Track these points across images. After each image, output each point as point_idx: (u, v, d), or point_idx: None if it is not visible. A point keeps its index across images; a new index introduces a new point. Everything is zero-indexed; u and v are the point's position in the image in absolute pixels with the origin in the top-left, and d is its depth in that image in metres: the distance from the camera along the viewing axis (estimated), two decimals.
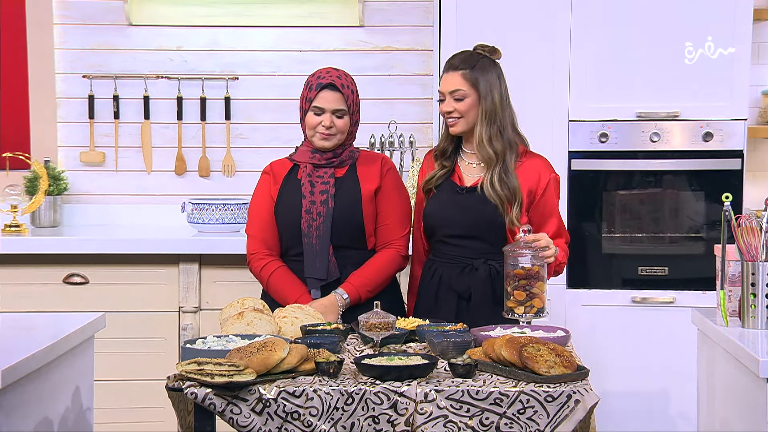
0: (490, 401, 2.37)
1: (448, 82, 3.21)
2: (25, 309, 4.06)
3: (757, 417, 2.51)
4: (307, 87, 3.23)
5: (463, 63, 3.21)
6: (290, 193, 3.25)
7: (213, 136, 4.71)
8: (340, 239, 3.21)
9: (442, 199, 3.25)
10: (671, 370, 4.10)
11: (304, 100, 3.23)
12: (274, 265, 3.23)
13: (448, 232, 3.23)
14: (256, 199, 3.31)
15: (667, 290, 4.16)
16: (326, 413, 2.38)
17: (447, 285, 3.22)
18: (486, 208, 3.18)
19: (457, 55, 3.27)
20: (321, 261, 3.18)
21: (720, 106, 4.15)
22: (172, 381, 2.47)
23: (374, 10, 4.67)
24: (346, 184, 3.25)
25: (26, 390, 2.40)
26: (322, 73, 3.23)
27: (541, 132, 4.02)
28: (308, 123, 3.22)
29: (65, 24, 4.67)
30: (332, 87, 3.19)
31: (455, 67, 3.21)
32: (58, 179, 4.54)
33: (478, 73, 3.19)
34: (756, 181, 4.50)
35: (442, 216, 3.24)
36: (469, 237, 3.20)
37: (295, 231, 3.21)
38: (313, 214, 3.19)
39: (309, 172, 3.24)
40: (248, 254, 3.30)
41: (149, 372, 4.11)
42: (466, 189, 3.23)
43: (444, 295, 3.22)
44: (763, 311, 2.81)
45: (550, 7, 4.17)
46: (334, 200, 3.20)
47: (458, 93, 3.19)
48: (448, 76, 3.21)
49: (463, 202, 3.21)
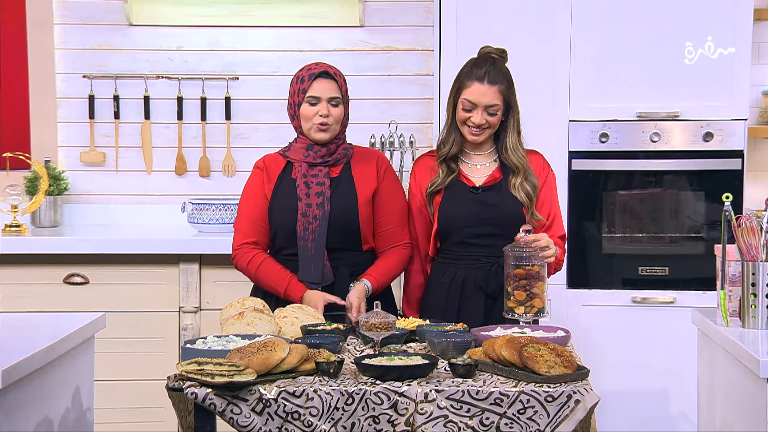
0: (491, 401, 2.37)
1: (485, 95, 3.18)
2: (25, 309, 4.06)
3: (757, 417, 2.51)
4: (299, 80, 3.22)
5: (498, 76, 3.19)
6: (285, 194, 3.23)
7: (213, 136, 4.71)
8: (336, 242, 3.20)
9: (459, 200, 3.25)
10: (671, 370, 4.10)
11: (297, 93, 3.21)
12: (260, 257, 3.22)
13: (472, 231, 3.22)
14: (247, 194, 3.29)
15: (667, 290, 4.17)
16: (326, 413, 2.38)
17: (474, 286, 3.21)
18: (510, 204, 3.21)
19: (484, 64, 3.20)
20: (316, 265, 3.17)
21: (720, 106, 4.15)
22: (173, 381, 2.47)
23: (374, 10, 4.67)
24: (342, 185, 3.24)
25: (26, 390, 2.40)
26: (312, 66, 3.24)
27: (542, 132, 4.02)
28: (304, 115, 3.20)
29: (65, 24, 4.67)
30: (326, 75, 3.20)
31: (493, 81, 3.19)
32: (58, 179, 4.54)
33: (510, 87, 3.22)
34: (756, 181, 4.50)
35: (464, 216, 3.23)
36: (494, 235, 3.20)
37: (290, 233, 3.20)
38: (309, 217, 3.18)
39: (304, 172, 3.22)
40: (233, 249, 3.27)
41: (149, 372, 4.11)
42: (483, 188, 3.24)
43: (471, 295, 3.22)
44: (763, 311, 2.80)
45: (550, 7, 4.17)
46: (330, 203, 3.19)
47: (494, 108, 3.19)
48: (483, 89, 3.18)
49: (487, 200, 3.23)
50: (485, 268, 3.21)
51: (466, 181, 3.27)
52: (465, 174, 3.28)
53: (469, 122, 3.21)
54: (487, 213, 3.21)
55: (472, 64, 3.24)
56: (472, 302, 3.21)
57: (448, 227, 3.25)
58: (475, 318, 3.15)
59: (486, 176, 3.26)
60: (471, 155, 3.29)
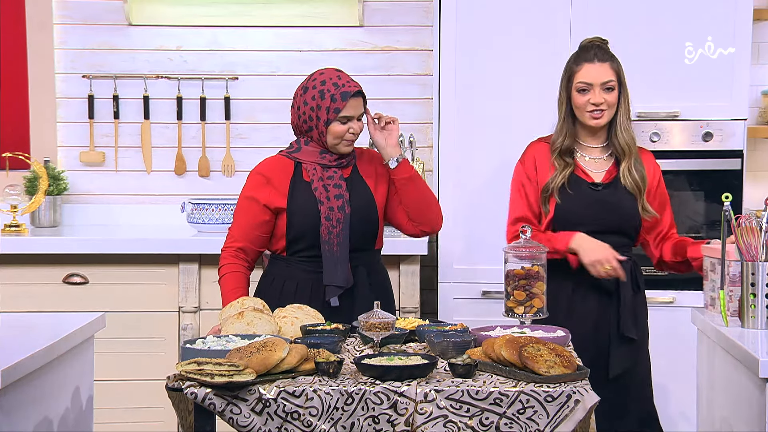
0: (490, 401, 2.37)
1: (599, 73, 3.24)
2: (25, 309, 4.06)
3: (756, 417, 2.51)
4: (329, 97, 3.10)
5: (606, 54, 3.27)
6: (304, 198, 3.16)
7: (213, 136, 4.71)
8: (355, 242, 3.17)
9: (580, 197, 3.26)
10: (671, 369, 4.10)
11: (327, 111, 3.10)
12: (228, 269, 3.18)
13: (588, 229, 3.24)
14: (242, 200, 3.22)
15: (666, 290, 4.16)
16: (326, 413, 2.38)
17: (589, 283, 3.24)
18: (625, 202, 3.26)
19: (592, 45, 3.30)
20: (341, 268, 3.13)
21: (720, 106, 4.15)
22: (172, 381, 2.47)
23: (374, 10, 4.67)
24: (356, 186, 3.21)
25: (26, 390, 2.40)
26: (341, 81, 3.13)
27: (542, 132, 4.01)
28: (334, 132, 3.12)
29: (65, 24, 4.67)
30: (358, 94, 3.14)
31: (602, 59, 3.25)
32: (57, 179, 4.54)
33: (618, 64, 3.27)
34: (756, 181, 4.50)
35: (583, 214, 3.25)
36: (610, 232, 3.24)
37: (312, 237, 3.15)
38: (333, 221, 3.12)
39: (320, 175, 3.16)
40: (222, 248, 3.24)
41: (149, 372, 4.11)
42: (603, 185, 3.26)
43: (585, 293, 3.25)
44: (762, 311, 2.81)
45: (549, 6, 4.17)
46: (350, 205, 3.16)
47: (610, 83, 3.24)
48: (596, 67, 3.25)
49: (605, 198, 3.25)
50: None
51: (585, 177, 3.29)
52: (583, 168, 3.30)
53: (588, 105, 3.24)
54: (606, 212, 3.26)
55: (578, 52, 3.31)
56: (586, 300, 3.25)
57: (564, 224, 3.27)
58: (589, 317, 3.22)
59: (603, 172, 3.29)
60: (586, 148, 3.32)
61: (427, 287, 4.45)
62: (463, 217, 4.21)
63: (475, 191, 4.21)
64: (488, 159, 4.19)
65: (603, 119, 3.26)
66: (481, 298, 4.18)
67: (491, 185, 4.15)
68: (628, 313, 3.25)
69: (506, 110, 4.18)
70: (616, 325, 3.25)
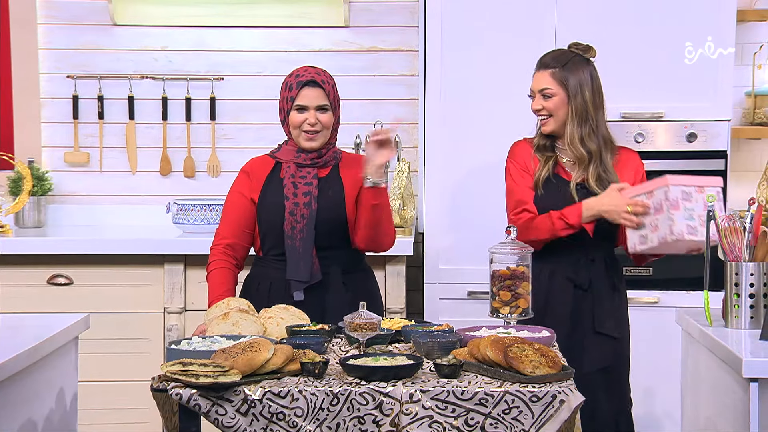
0: (476, 401, 2.37)
1: (537, 81, 3.28)
2: (9, 310, 4.02)
3: (741, 417, 2.52)
4: (287, 87, 3.23)
5: (553, 61, 3.27)
6: (273, 194, 3.23)
7: (198, 137, 4.70)
8: (324, 240, 3.21)
9: (558, 194, 3.27)
10: (655, 370, 4.11)
11: (285, 101, 3.22)
12: (216, 265, 3.22)
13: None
14: (230, 197, 3.30)
15: (651, 290, 4.17)
16: (311, 414, 2.38)
17: (563, 277, 3.25)
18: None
19: (549, 53, 3.33)
20: (304, 263, 3.17)
21: (704, 107, 4.17)
22: (157, 382, 2.46)
23: (360, 11, 4.67)
24: (330, 184, 3.25)
25: (10, 391, 2.39)
26: (300, 72, 3.24)
27: (526, 133, 4.02)
28: (292, 122, 3.21)
29: (49, 24, 4.66)
30: (313, 83, 3.20)
31: (545, 66, 3.28)
32: (42, 179, 4.53)
33: (568, 71, 3.25)
34: (739, 181, 4.51)
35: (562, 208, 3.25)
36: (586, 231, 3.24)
37: (279, 232, 3.21)
38: (297, 216, 3.18)
39: (293, 173, 3.23)
40: (210, 247, 3.28)
41: (134, 373, 4.10)
42: (579, 185, 3.27)
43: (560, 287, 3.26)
44: (746, 311, 2.81)
45: (534, 7, 4.18)
46: (317, 202, 3.19)
47: (546, 91, 3.25)
48: (538, 75, 3.29)
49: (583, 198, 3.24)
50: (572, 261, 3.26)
51: (564, 176, 3.30)
52: (563, 166, 3.31)
53: (532, 110, 3.30)
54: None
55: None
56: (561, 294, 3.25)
57: None
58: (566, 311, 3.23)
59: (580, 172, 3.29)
60: (561, 149, 3.33)
61: (412, 287, 4.45)
62: (449, 218, 4.22)
63: (461, 191, 4.21)
64: (474, 159, 4.20)
65: (548, 126, 3.28)
66: (467, 299, 4.18)
67: (477, 186, 4.16)
68: (603, 310, 3.26)
69: (492, 111, 4.19)
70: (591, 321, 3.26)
